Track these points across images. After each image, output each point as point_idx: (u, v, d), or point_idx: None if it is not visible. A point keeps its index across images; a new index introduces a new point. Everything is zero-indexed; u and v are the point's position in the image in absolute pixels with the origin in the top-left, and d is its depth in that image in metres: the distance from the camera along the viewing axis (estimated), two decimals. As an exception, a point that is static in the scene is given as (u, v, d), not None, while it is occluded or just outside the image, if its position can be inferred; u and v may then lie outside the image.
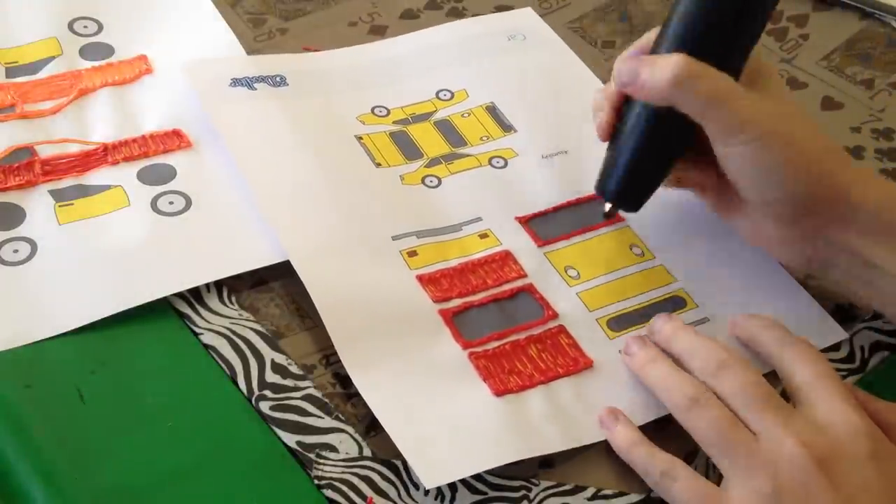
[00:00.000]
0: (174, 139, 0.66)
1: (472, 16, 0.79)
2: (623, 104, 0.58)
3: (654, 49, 0.56)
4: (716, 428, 0.51)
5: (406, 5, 0.79)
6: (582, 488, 0.53)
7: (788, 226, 0.57)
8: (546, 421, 0.54)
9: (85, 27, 0.74)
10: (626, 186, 0.58)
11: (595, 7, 0.82)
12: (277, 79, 0.70)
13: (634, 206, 0.59)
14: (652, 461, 0.52)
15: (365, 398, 0.53)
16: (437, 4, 0.80)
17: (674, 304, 0.61)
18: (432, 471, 0.51)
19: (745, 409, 0.51)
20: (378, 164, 0.66)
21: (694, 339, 0.55)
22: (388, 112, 0.70)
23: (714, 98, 0.53)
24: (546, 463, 0.53)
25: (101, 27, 0.74)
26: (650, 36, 0.57)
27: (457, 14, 0.79)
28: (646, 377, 0.55)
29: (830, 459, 0.48)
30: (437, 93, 0.72)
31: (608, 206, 0.59)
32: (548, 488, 0.52)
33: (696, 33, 0.54)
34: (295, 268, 0.58)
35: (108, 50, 0.72)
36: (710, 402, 0.51)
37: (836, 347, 0.60)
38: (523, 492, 0.52)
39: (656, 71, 0.53)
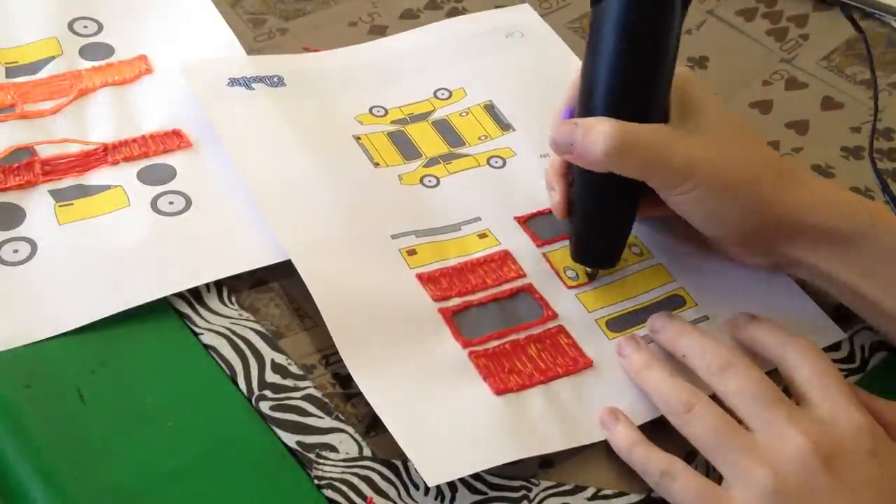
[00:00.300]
0: (174, 139, 0.66)
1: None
2: (569, 170, 0.59)
3: (582, 103, 0.56)
4: (712, 431, 0.51)
5: (406, 5, 0.79)
6: (582, 488, 0.53)
7: (744, 247, 0.59)
8: (546, 420, 0.54)
9: (85, 27, 0.74)
10: (597, 250, 0.60)
11: (595, 7, 0.82)
12: (275, 79, 0.70)
13: (611, 262, 0.61)
14: (652, 461, 0.52)
15: (366, 396, 0.53)
16: (437, 4, 0.80)
17: (673, 303, 0.61)
18: (434, 468, 0.51)
19: (748, 407, 0.51)
20: (376, 165, 0.66)
21: (699, 339, 0.55)
22: (386, 112, 0.70)
23: (649, 161, 0.54)
24: (546, 463, 0.53)
25: (101, 27, 0.74)
26: (576, 77, 0.58)
27: (456, 14, 0.79)
28: (641, 382, 0.55)
29: (834, 456, 0.49)
30: (435, 92, 0.72)
31: (588, 269, 0.61)
32: (548, 488, 0.52)
33: (617, 85, 0.54)
34: (295, 265, 0.58)
35: (108, 50, 0.72)
36: (705, 406, 0.52)
37: (836, 347, 0.60)
38: (523, 492, 0.52)
39: (588, 142, 0.54)
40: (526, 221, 0.64)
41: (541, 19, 0.78)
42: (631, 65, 0.54)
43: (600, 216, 0.59)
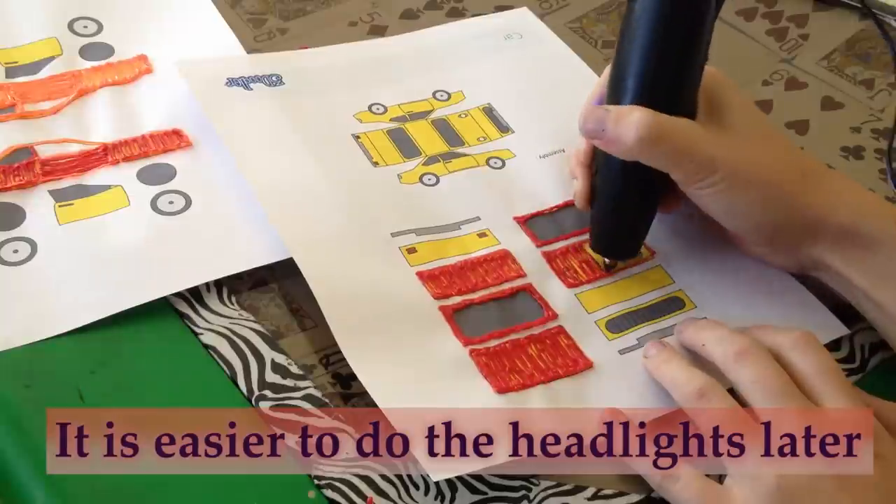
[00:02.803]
0: (174, 139, 0.66)
1: (472, 16, 0.79)
2: (594, 159, 0.60)
3: (612, 91, 0.57)
4: (722, 419, 0.51)
5: (406, 5, 0.79)
6: (582, 488, 0.53)
7: (768, 246, 0.59)
8: (546, 420, 0.54)
9: (85, 27, 0.74)
10: (618, 241, 0.61)
11: (595, 7, 0.82)
12: (274, 78, 0.70)
13: (631, 254, 0.61)
14: (653, 462, 0.52)
15: (369, 391, 0.53)
16: (437, 4, 0.80)
17: (672, 305, 0.61)
18: (438, 465, 0.51)
19: (760, 399, 0.51)
20: (376, 164, 0.66)
21: (720, 329, 0.55)
22: (386, 110, 0.70)
23: (677, 153, 0.55)
24: (546, 463, 0.53)
25: (101, 27, 0.74)
26: (606, 74, 0.59)
27: (457, 14, 0.79)
28: (660, 374, 0.55)
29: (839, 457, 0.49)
30: (434, 93, 0.72)
31: (607, 260, 0.61)
32: (548, 488, 0.52)
33: (649, 76, 0.55)
34: (297, 263, 0.58)
35: (107, 50, 0.72)
36: (718, 394, 0.52)
37: (836, 347, 0.60)
38: (523, 492, 0.52)
39: (620, 129, 0.54)
40: (525, 222, 0.64)
41: (540, 22, 0.78)
42: (664, 58, 0.55)
43: (623, 206, 0.59)
